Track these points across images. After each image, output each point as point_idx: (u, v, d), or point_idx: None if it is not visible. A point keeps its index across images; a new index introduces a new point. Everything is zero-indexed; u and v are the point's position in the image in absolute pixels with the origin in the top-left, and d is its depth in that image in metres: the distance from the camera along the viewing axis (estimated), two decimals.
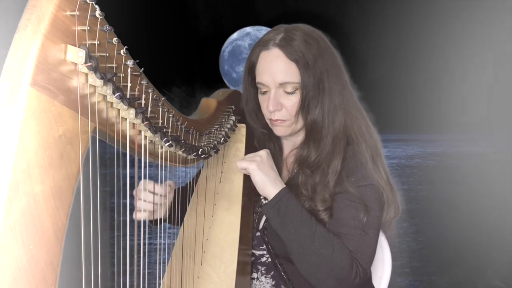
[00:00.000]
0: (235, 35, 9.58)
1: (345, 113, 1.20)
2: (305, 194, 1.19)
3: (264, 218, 1.28)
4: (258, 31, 9.33)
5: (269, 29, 1.25)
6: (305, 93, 1.16)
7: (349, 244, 1.13)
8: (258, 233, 1.27)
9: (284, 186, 1.17)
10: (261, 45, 1.20)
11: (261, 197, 1.31)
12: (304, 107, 1.18)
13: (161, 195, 1.19)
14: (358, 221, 1.14)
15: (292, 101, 1.19)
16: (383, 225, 1.25)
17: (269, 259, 1.26)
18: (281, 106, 1.19)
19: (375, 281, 1.39)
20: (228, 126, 1.29)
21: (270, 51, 1.18)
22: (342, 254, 1.11)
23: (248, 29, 9.53)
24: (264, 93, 1.22)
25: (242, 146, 1.36)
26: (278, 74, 1.17)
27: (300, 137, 1.28)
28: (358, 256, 1.13)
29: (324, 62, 1.17)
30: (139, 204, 1.17)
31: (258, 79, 1.21)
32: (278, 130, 1.24)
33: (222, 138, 1.26)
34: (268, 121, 1.26)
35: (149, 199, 1.17)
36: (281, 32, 1.19)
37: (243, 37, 9.52)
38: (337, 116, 1.19)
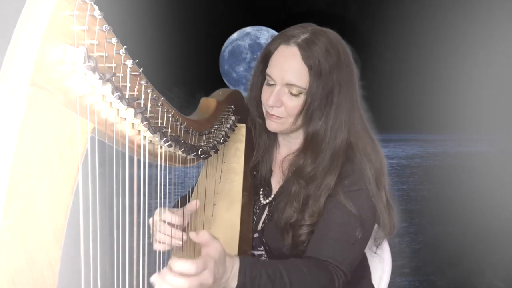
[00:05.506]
0: (235, 35, 9.59)
1: (350, 131, 1.18)
2: (296, 206, 1.17)
3: (262, 219, 1.28)
4: (258, 31, 9.34)
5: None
6: (309, 100, 1.15)
7: (334, 249, 1.12)
8: (256, 234, 1.27)
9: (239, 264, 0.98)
10: (283, 38, 1.18)
11: (260, 197, 1.31)
12: (306, 114, 1.16)
13: (178, 225, 1.14)
14: (348, 228, 1.13)
15: (294, 103, 1.17)
16: (375, 240, 1.24)
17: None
18: (281, 103, 1.18)
19: (375, 281, 1.39)
20: (228, 126, 1.29)
21: (289, 47, 1.15)
22: (320, 279, 1.07)
23: (248, 29, 9.53)
24: (270, 85, 1.20)
25: (241, 146, 1.36)
26: (288, 73, 1.15)
27: (297, 143, 1.27)
28: (339, 261, 1.11)
29: (339, 76, 1.14)
30: (158, 236, 1.13)
31: (268, 70, 1.20)
32: (271, 125, 1.23)
33: (222, 138, 1.25)
34: (264, 112, 1.25)
35: (167, 232, 1.13)
36: (307, 32, 1.16)
37: (243, 37, 9.53)
38: (340, 133, 1.17)
